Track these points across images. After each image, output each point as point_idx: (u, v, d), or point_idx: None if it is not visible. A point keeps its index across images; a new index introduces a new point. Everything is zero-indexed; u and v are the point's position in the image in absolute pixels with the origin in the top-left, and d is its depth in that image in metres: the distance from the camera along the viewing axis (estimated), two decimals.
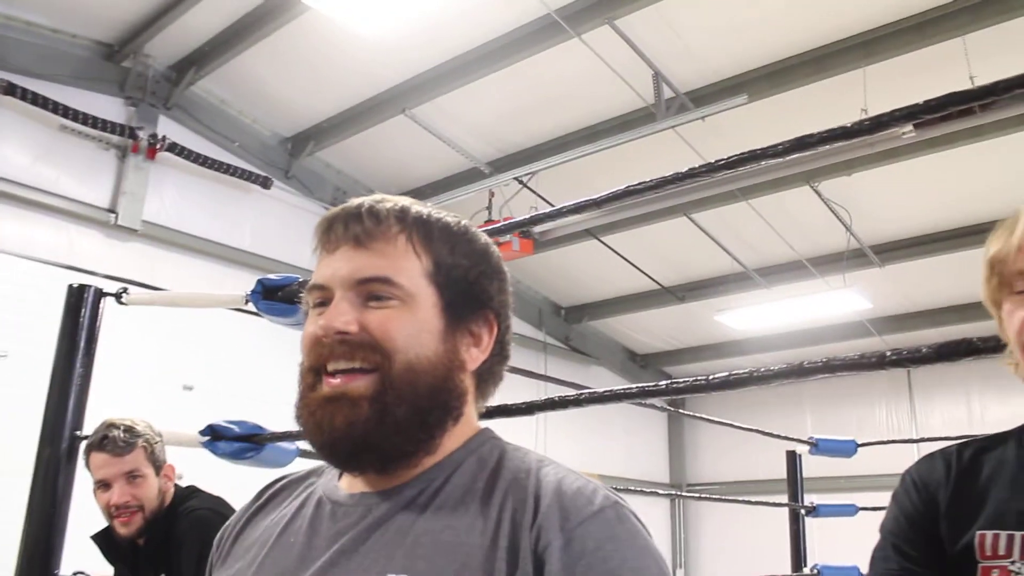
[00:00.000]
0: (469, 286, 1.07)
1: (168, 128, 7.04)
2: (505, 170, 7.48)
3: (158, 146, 6.86)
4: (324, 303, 1.03)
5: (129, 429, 2.48)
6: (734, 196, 7.22)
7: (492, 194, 7.66)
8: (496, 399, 1.17)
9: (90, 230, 6.59)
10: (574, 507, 0.95)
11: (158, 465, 2.55)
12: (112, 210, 6.69)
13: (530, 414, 2.05)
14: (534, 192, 7.46)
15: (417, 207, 1.08)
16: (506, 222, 3.55)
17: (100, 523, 2.71)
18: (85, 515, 2.59)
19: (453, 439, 1.05)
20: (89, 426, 2.54)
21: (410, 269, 1.03)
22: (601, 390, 2.15)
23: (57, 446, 2.62)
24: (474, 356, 1.07)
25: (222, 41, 6.53)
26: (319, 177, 8.14)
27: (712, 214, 7.81)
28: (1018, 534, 1.20)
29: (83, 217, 6.54)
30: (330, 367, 1.01)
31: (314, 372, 1.02)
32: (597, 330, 10.95)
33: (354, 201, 1.07)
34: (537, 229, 7.83)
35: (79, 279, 3.34)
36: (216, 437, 2.45)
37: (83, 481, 2.53)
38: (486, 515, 0.97)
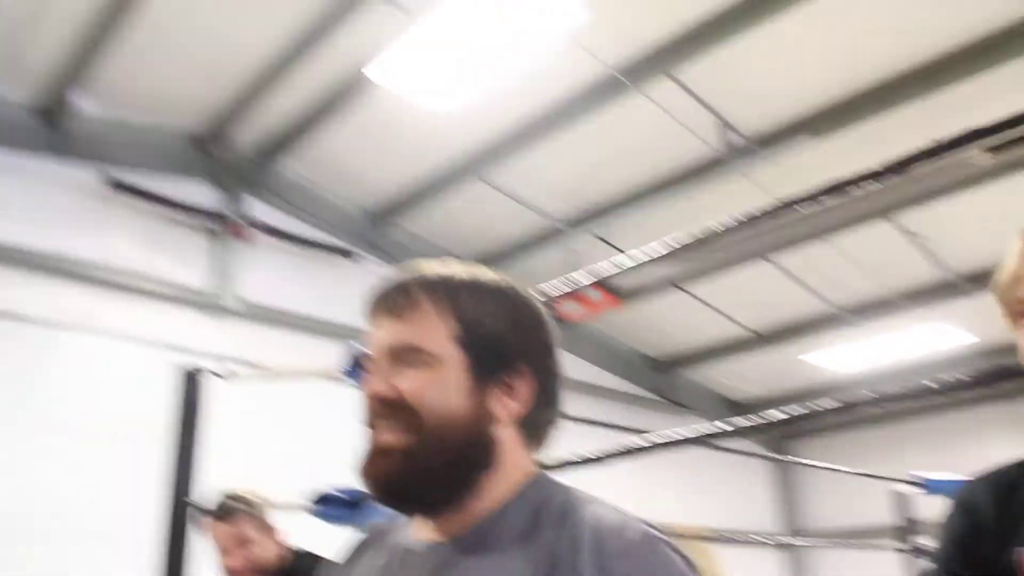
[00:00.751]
0: (498, 343, 1.16)
1: (257, 210, 7.40)
2: (582, 227, 7.59)
3: (249, 228, 7.22)
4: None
5: (239, 498, 2.62)
6: (813, 236, 7.17)
7: (572, 251, 7.77)
8: (593, 451, 1.24)
9: (190, 311, 6.91)
10: (609, 543, 1.03)
11: (268, 531, 2.68)
12: (210, 291, 7.03)
13: (599, 462, 2.12)
14: (612, 246, 7.54)
15: (446, 273, 1.18)
16: (581, 275, 3.61)
17: None
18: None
19: (504, 485, 1.14)
20: (204, 494, 2.71)
21: (437, 334, 1.14)
22: (679, 434, 2.20)
23: (179, 514, 2.80)
24: (510, 408, 1.16)
25: (302, 123, 6.86)
26: (403, 247, 8.37)
27: (793, 256, 7.76)
28: None
29: (183, 299, 6.88)
30: (373, 425, 1.13)
31: (367, 430, 1.14)
32: (691, 380, 10.86)
33: (392, 275, 1.19)
34: (619, 282, 7.90)
35: (181, 358, 3.57)
36: (324, 502, 2.58)
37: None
38: (533, 556, 1.05)
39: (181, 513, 2.77)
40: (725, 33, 5.56)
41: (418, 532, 1.19)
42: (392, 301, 1.17)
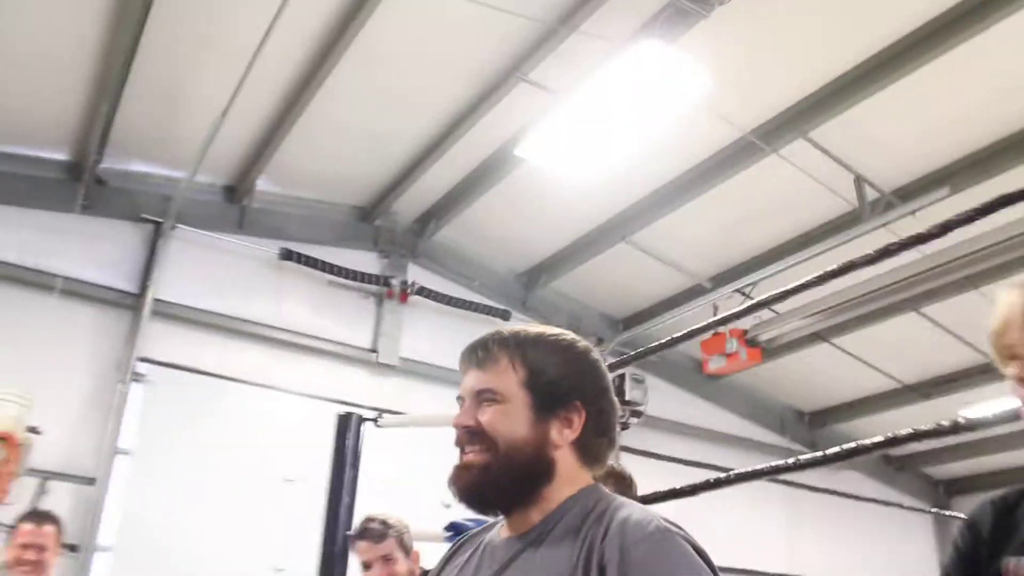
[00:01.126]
0: (556, 385, 1.53)
1: (416, 274, 8.03)
2: (725, 284, 7.79)
3: (408, 291, 7.86)
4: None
5: (383, 522, 3.04)
6: (961, 286, 7.11)
7: (716, 308, 7.97)
8: (744, 505, 1.61)
9: (356, 368, 7.57)
10: (631, 533, 1.36)
11: (407, 550, 3.08)
12: (373, 349, 7.67)
13: (679, 497, 2.41)
14: (755, 300, 7.68)
15: (519, 332, 1.58)
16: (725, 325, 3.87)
17: None
18: None
19: (561, 493, 1.50)
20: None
21: (508, 381, 1.53)
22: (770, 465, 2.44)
23: (332, 544, 3.26)
24: (565, 435, 1.52)
25: (456, 194, 7.46)
26: (553, 306, 8.79)
27: (942, 307, 7.68)
28: None
29: (349, 357, 7.55)
30: (461, 448, 1.53)
31: (458, 452, 1.54)
32: (843, 433, 10.69)
33: (479, 337, 1.60)
34: (763, 337, 8.05)
35: (348, 411, 4.06)
36: (457, 532, 2.98)
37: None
38: (576, 546, 1.40)
39: (339, 543, 3.23)
40: (856, 92, 5.75)
41: (501, 532, 1.55)
42: (476, 355, 1.56)
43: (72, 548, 4.19)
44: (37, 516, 3.74)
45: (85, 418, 6.34)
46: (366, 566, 3.00)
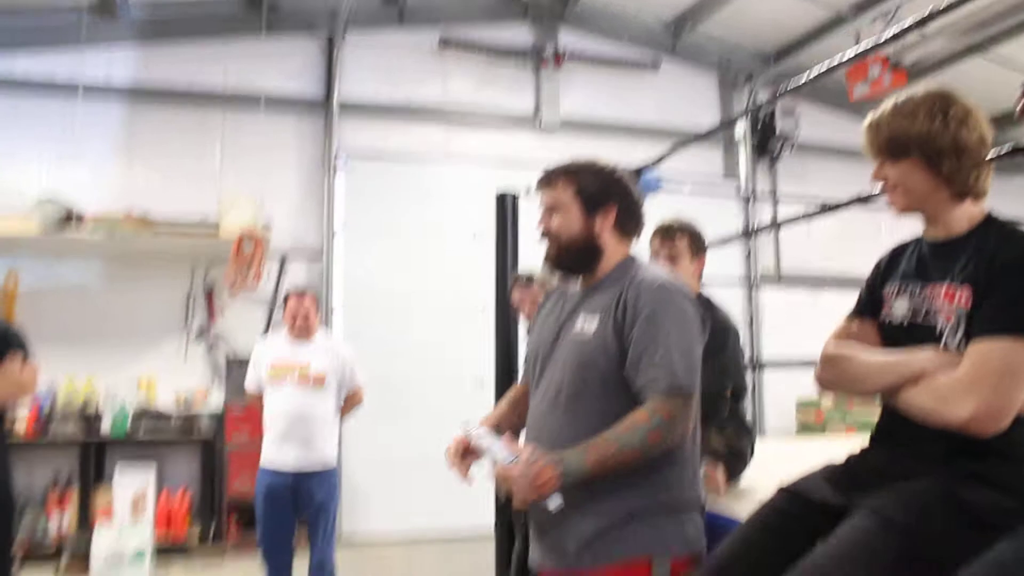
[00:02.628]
0: (597, 194, 2.31)
1: (567, 39, 8.60)
2: (867, 10, 7.88)
3: (561, 56, 8.48)
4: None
5: (530, 276, 3.99)
6: None
7: (858, 35, 8.10)
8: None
9: (520, 133, 8.44)
10: (644, 287, 2.20)
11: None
12: (535, 115, 8.47)
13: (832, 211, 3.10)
14: (900, 27, 7.78)
15: (572, 165, 2.34)
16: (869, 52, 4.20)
17: None
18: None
19: (609, 261, 2.32)
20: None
21: (566, 195, 2.31)
22: None
23: (504, 291, 4.31)
24: (605, 225, 2.32)
25: None
26: (702, 49, 9.12)
27: None
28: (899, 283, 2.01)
29: (514, 125, 8.42)
30: (545, 238, 2.36)
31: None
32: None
33: (546, 170, 2.36)
34: (908, 60, 8.17)
35: (516, 175, 4.96)
36: None
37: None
38: (614, 293, 2.24)
39: (502, 287, 4.29)
40: None
41: (576, 286, 2.41)
42: (545, 180, 2.36)
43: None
44: (299, 291, 4.96)
45: (304, 207, 7.68)
46: (520, 307, 4.00)
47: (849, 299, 2.57)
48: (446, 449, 2.43)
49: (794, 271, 8.97)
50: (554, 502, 2.02)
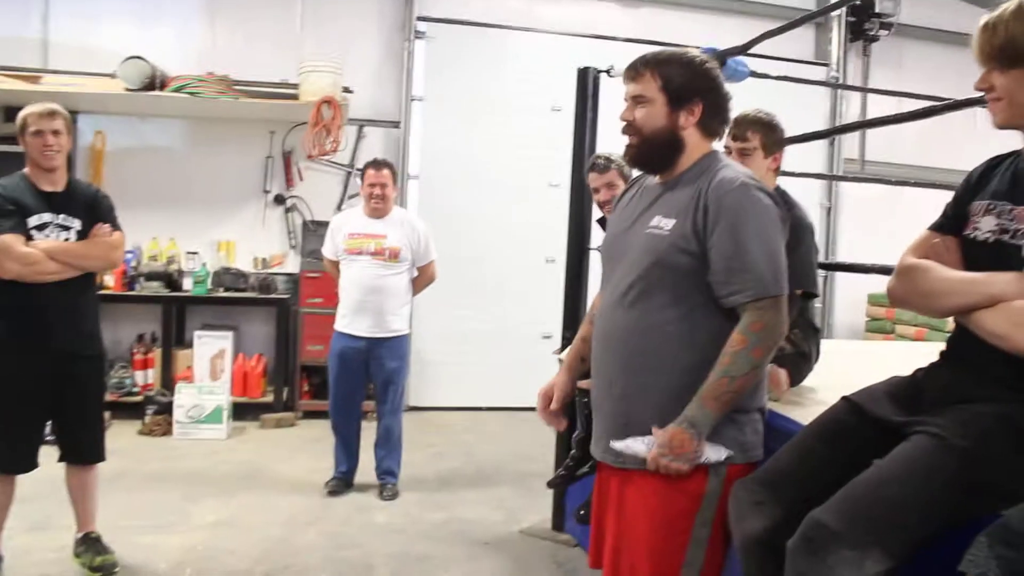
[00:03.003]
0: (683, 89, 2.24)
1: None
2: None
3: None
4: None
5: (608, 157, 3.92)
6: None
7: None
8: None
9: (605, 3, 8.18)
10: (724, 185, 2.16)
11: (626, 179, 3.95)
12: None
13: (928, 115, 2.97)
14: None
15: (660, 55, 2.26)
16: None
17: None
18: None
19: (690, 158, 2.28)
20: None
21: (652, 87, 2.25)
22: None
23: (580, 169, 4.29)
24: (690, 121, 2.25)
25: None
26: None
27: None
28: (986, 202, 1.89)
29: None
30: (626, 133, 2.30)
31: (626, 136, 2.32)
32: None
33: (632, 60, 2.29)
34: None
35: (599, 47, 4.80)
36: None
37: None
38: (693, 190, 2.21)
39: (580, 167, 4.28)
40: None
41: (655, 180, 2.38)
42: (632, 71, 2.28)
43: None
44: (376, 163, 4.98)
45: (383, 75, 7.62)
46: (595, 191, 3.96)
47: (934, 198, 2.48)
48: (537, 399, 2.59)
49: (879, 159, 8.65)
50: (716, 453, 2.11)
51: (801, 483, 1.89)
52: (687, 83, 2.24)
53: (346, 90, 6.79)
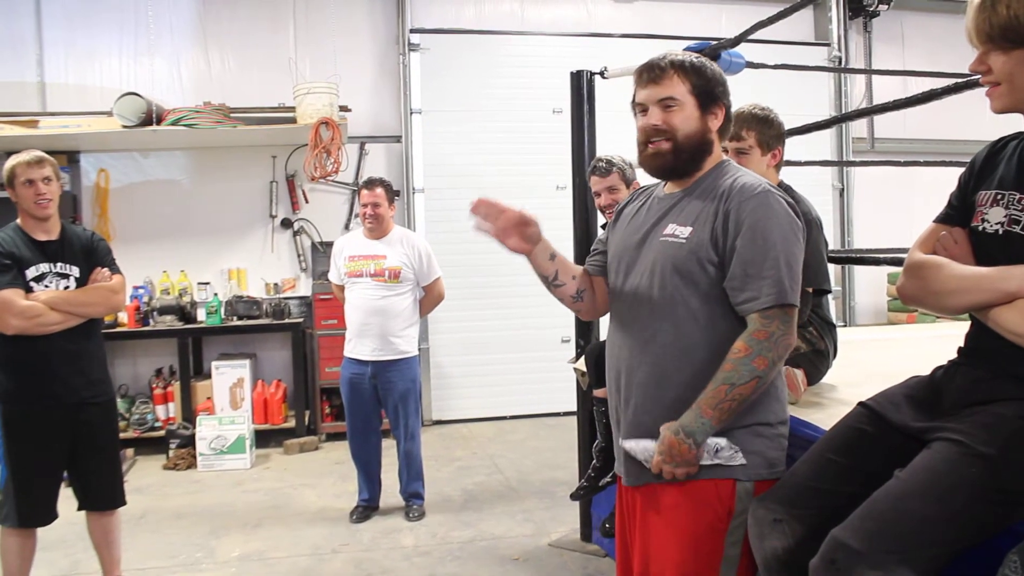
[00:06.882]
0: (711, 93, 2.16)
1: None
2: None
3: None
4: (644, 111, 2.21)
5: (609, 160, 3.85)
6: None
7: None
8: None
9: (596, 1, 8.06)
10: (744, 191, 2.09)
11: (628, 182, 3.89)
12: None
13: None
14: None
15: (679, 57, 2.17)
16: None
17: None
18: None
19: (710, 163, 2.21)
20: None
21: (681, 90, 2.15)
22: None
23: (581, 173, 4.22)
24: (714, 125, 2.19)
25: None
26: None
27: None
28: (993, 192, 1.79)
29: None
30: (650, 139, 2.19)
31: (643, 143, 2.21)
32: None
33: (649, 59, 2.20)
34: None
35: (594, 45, 4.69)
36: None
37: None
38: (711, 197, 2.14)
39: (580, 170, 4.21)
40: None
41: (664, 189, 2.30)
42: (652, 72, 2.16)
43: (396, 194, 5.40)
44: (369, 182, 4.93)
45: (381, 90, 7.59)
46: (596, 195, 3.89)
47: (949, 172, 2.38)
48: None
49: (889, 135, 8.51)
50: (725, 452, 2.06)
51: (820, 498, 1.82)
52: (712, 87, 2.18)
53: (344, 109, 6.75)
